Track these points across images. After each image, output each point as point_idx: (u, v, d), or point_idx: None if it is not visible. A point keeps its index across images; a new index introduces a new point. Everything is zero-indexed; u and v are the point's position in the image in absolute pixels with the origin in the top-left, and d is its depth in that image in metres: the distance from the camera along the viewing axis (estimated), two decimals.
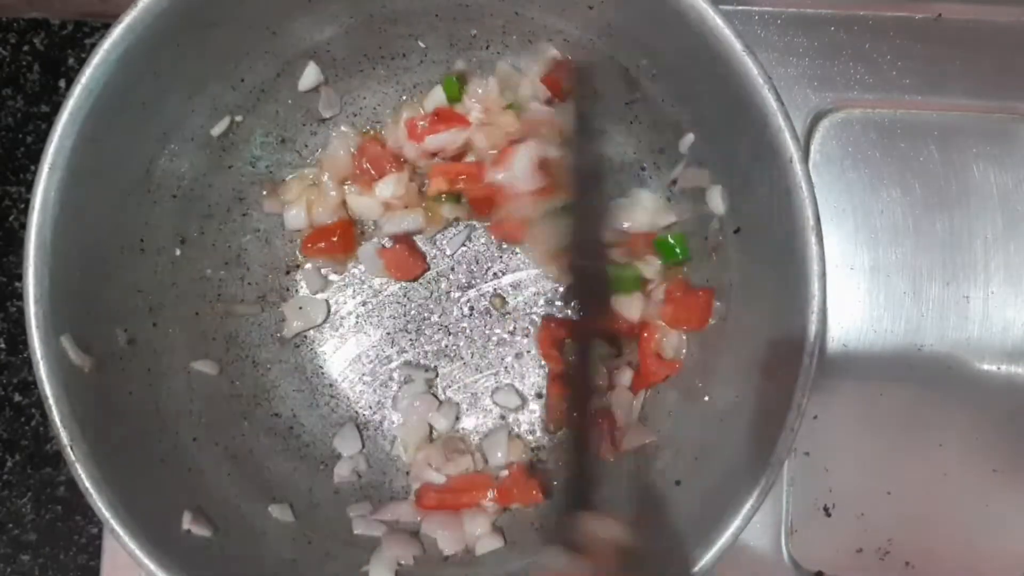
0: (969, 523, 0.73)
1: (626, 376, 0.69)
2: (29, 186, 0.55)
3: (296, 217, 0.70)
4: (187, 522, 0.58)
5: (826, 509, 0.73)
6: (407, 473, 0.70)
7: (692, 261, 0.67)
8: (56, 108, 0.55)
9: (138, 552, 0.55)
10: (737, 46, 0.55)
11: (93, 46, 0.56)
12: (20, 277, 0.55)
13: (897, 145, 0.75)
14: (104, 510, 0.55)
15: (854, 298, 0.75)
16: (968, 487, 0.74)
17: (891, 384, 0.74)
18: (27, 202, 0.55)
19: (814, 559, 0.73)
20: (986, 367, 0.74)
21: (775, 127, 0.55)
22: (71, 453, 0.55)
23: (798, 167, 0.54)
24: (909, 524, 0.73)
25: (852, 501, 0.73)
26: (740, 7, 0.75)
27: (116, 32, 0.55)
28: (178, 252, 0.66)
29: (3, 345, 0.77)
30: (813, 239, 0.54)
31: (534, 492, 0.66)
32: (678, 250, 0.67)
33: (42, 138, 0.55)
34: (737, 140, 0.59)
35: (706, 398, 0.63)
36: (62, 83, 0.78)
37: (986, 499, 0.74)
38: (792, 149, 0.54)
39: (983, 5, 0.75)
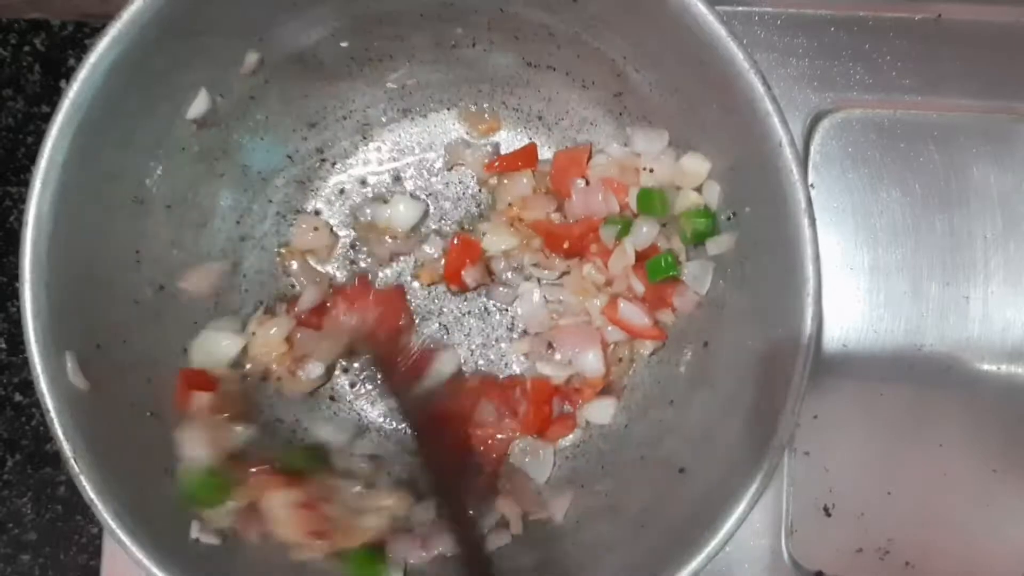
0: (969, 523, 0.73)
1: None
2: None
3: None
4: (195, 531, 0.58)
5: (826, 509, 0.73)
6: None
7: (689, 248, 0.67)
8: None
9: (146, 561, 0.54)
10: (721, 32, 0.54)
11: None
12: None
13: (897, 145, 0.75)
14: (110, 521, 0.54)
15: (854, 298, 0.75)
16: (968, 487, 0.74)
17: (891, 384, 0.74)
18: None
19: (814, 559, 0.73)
20: (986, 367, 0.74)
21: (763, 112, 0.54)
22: (75, 466, 0.54)
23: (788, 150, 0.54)
24: (909, 524, 0.73)
25: (852, 501, 0.73)
26: (740, 8, 0.75)
27: (102, 44, 0.55)
28: (174, 262, 0.65)
29: (3, 345, 0.77)
30: (805, 221, 0.54)
31: None
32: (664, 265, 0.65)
33: (43, 139, 0.55)
34: (726, 127, 0.59)
35: (709, 385, 0.63)
36: (63, 84, 0.78)
37: (986, 499, 0.74)
38: (781, 133, 0.54)
39: (983, 5, 0.75)
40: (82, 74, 0.55)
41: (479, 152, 0.71)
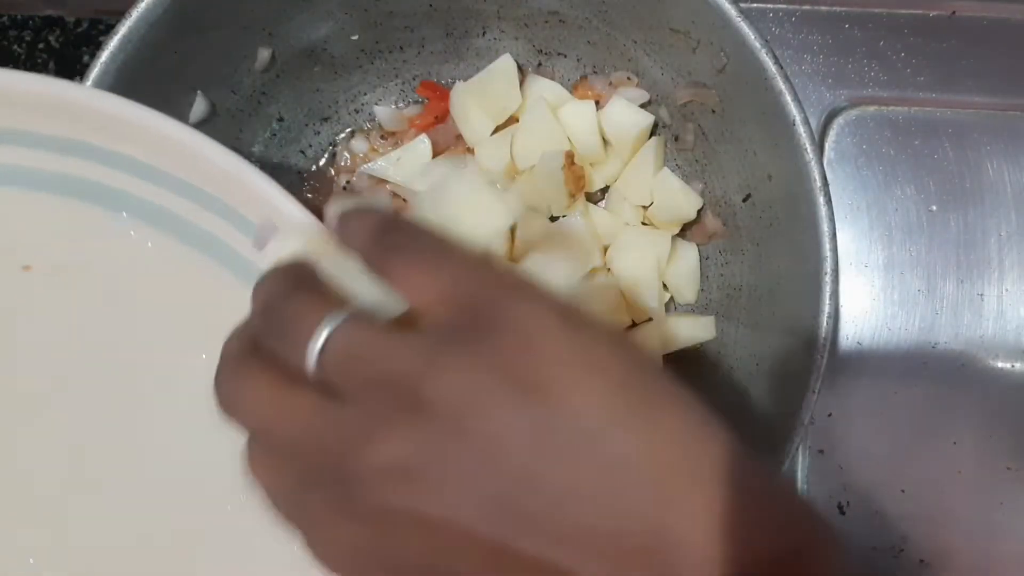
0: (983, 521, 0.73)
1: None
2: None
3: None
4: None
5: (840, 507, 0.73)
6: None
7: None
8: None
9: None
10: (732, 12, 0.54)
11: None
12: None
13: (911, 142, 0.75)
14: None
15: (868, 296, 0.74)
16: (982, 485, 0.73)
17: (905, 382, 0.74)
18: None
19: None
20: (1000, 364, 0.74)
21: (776, 91, 0.54)
22: None
23: (801, 129, 0.53)
24: (923, 522, 0.73)
25: (866, 499, 0.73)
26: (754, 4, 0.75)
27: (112, 43, 0.55)
28: None
29: None
30: (821, 200, 0.53)
31: None
32: None
33: None
34: (738, 108, 0.59)
35: (728, 367, 0.63)
36: (77, 81, 0.78)
37: (1000, 497, 0.73)
38: (794, 112, 0.53)
39: (997, 2, 0.75)
40: (93, 73, 0.55)
41: None
